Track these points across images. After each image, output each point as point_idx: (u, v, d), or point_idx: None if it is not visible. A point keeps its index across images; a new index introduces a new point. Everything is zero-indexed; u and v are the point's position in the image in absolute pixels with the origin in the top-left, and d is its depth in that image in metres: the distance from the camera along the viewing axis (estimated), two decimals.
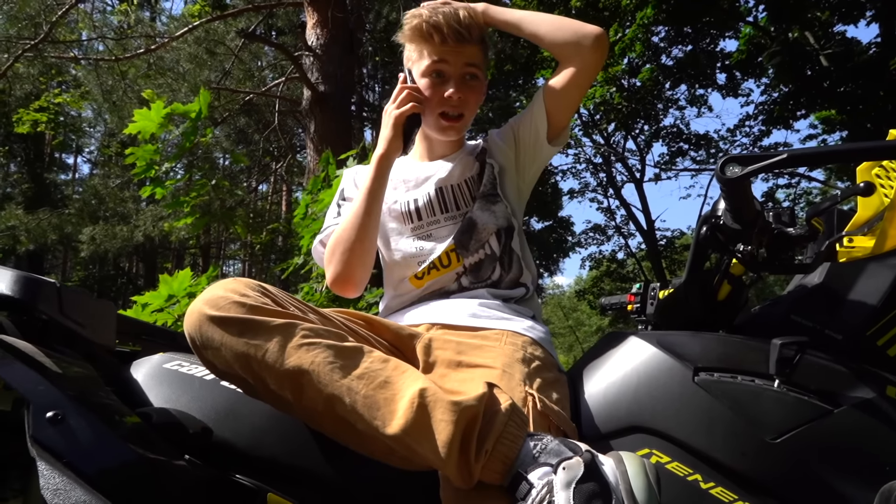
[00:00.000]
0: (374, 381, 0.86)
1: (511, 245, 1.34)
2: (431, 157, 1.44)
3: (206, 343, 0.90)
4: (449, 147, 1.43)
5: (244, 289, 0.93)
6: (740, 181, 0.92)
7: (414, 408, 0.82)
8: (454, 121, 1.34)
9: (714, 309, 1.15)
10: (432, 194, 1.35)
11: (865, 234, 0.96)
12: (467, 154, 1.42)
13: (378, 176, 1.27)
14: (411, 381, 0.87)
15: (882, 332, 1.02)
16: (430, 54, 1.31)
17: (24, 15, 7.55)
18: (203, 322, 0.90)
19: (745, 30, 11.27)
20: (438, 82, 1.32)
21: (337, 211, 1.42)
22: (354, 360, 0.89)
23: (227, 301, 0.90)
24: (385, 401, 0.85)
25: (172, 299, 2.83)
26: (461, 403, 0.83)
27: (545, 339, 1.19)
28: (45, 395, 0.68)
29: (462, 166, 1.39)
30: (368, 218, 1.26)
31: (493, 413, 0.85)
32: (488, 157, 1.39)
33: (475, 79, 1.34)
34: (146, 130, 2.87)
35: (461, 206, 1.34)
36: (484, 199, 1.34)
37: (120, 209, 14.08)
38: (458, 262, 1.29)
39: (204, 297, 0.92)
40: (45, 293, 0.91)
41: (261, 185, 17.61)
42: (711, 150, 16.58)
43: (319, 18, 6.19)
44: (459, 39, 1.28)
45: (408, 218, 1.36)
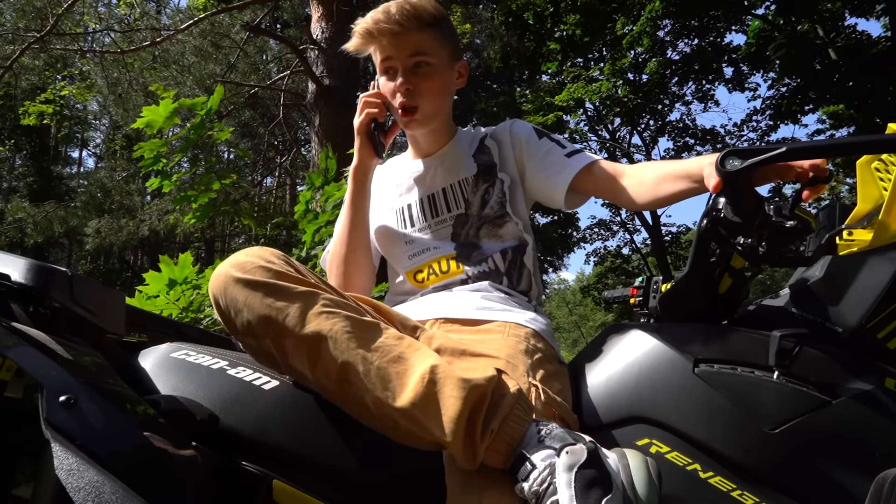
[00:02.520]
0: (389, 354, 0.89)
1: (522, 260, 1.33)
2: (421, 154, 1.43)
3: (229, 304, 0.93)
4: (435, 141, 1.41)
5: (270, 256, 0.96)
6: (740, 174, 0.93)
7: (424, 382, 0.84)
8: (411, 114, 1.31)
9: (715, 301, 1.16)
10: (425, 201, 1.37)
11: (865, 227, 0.97)
12: (459, 148, 1.40)
13: (357, 188, 1.32)
14: (424, 357, 0.89)
15: (882, 324, 1.03)
16: (377, 52, 1.31)
17: (30, 8, 7.57)
18: (229, 283, 0.92)
19: (753, 23, 11.21)
20: (391, 78, 1.31)
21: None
22: (371, 334, 0.91)
23: (254, 265, 0.93)
24: (397, 374, 0.87)
25: (175, 287, 2.85)
26: (470, 381, 0.85)
27: (547, 330, 1.20)
28: (57, 380, 0.70)
29: (454, 166, 1.38)
30: (354, 230, 1.31)
31: (501, 395, 0.87)
32: (499, 170, 1.36)
33: (426, 66, 1.29)
34: (154, 125, 2.89)
35: (452, 209, 1.35)
36: (490, 223, 1.32)
37: (126, 202, 14.15)
38: (459, 269, 1.30)
39: (231, 260, 0.95)
40: (57, 281, 0.93)
41: (265, 178, 17.66)
42: (718, 145, 16.52)
43: (325, 12, 6.18)
44: (394, 33, 1.26)
45: (402, 224, 1.38)
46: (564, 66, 13.46)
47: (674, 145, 16.88)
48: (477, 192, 1.34)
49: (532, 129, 1.41)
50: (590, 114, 16.38)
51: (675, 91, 15.63)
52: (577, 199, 1.35)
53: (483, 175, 1.35)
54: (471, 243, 1.32)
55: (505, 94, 15.56)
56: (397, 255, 1.38)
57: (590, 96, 13.09)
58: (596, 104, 15.40)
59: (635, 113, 15.23)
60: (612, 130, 17.12)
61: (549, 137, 1.39)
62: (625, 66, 13.39)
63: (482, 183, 1.35)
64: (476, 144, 1.40)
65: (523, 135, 1.39)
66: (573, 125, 16.32)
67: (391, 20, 1.25)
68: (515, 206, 1.34)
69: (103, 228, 13.38)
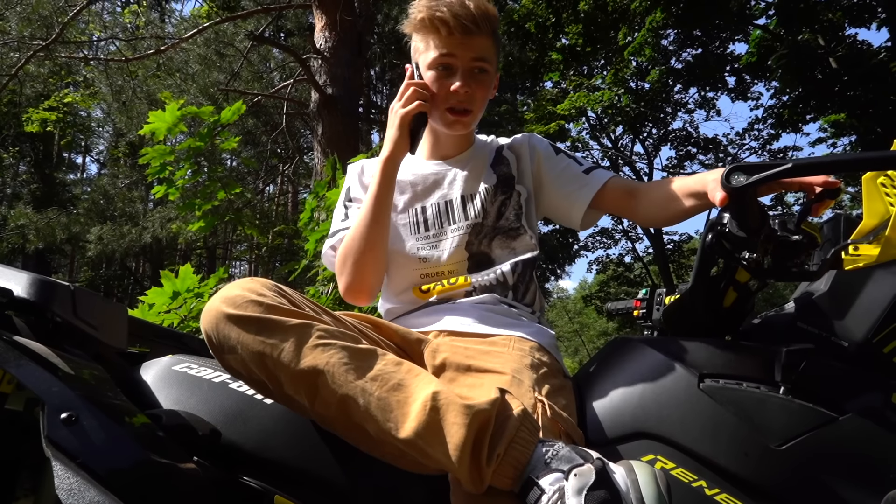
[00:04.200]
0: (388, 383, 0.87)
1: (531, 273, 1.31)
2: (439, 156, 1.39)
3: (222, 341, 0.91)
4: (457, 144, 1.38)
5: (261, 288, 0.94)
6: (745, 190, 0.93)
7: (426, 411, 0.83)
8: (461, 115, 1.28)
9: (720, 315, 1.15)
10: (441, 206, 1.32)
11: (871, 242, 0.96)
12: (480, 157, 1.38)
13: (385, 180, 1.23)
14: (424, 384, 0.88)
15: (888, 339, 1.02)
16: (436, 46, 1.25)
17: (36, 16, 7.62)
18: (220, 320, 0.91)
19: (754, 33, 11.24)
20: (445, 75, 1.26)
21: (344, 213, 1.38)
22: (368, 362, 0.89)
23: (245, 300, 0.91)
24: (398, 403, 0.85)
25: (178, 297, 2.85)
26: (474, 407, 0.83)
27: (552, 343, 1.19)
28: (59, 397, 0.69)
29: (474, 174, 1.35)
30: (377, 226, 1.23)
31: (506, 418, 0.86)
32: (517, 182, 1.35)
33: (483, 73, 1.27)
34: (159, 132, 2.89)
35: (469, 217, 1.30)
36: (505, 234, 1.30)
37: (128, 209, 14.18)
38: (467, 282, 1.26)
39: (221, 295, 0.93)
40: (60, 296, 0.93)
41: (268, 186, 17.69)
42: (720, 154, 16.53)
43: (328, 21, 6.21)
44: (466, 32, 1.22)
45: (414, 227, 1.33)
46: (567, 75, 13.49)
47: (676, 154, 16.89)
48: (494, 203, 1.32)
49: (549, 145, 1.41)
50: (592, 122, 16.40)
51: (678, 100, 15.67)
52: (593, 217, 1.36)
53: (501, 186, 1.34)
54: (483, 253, 1.29)
55: (507, 103, 15.61)
56: (404, 263, 1.31)
57: (592, 105, 13.10)
58: (598, 113, 15.42)
59: (637, 121, 15.24)
60: (614, 139, 17.14)
61: (564, 154, 1.40)
62: (627, 76, 13.42)
63: (500, 194, 1.33)
64: (493, 154, 1.39)
65: (542, 150, 1.39)
66: (575, 134, 16.34)
67: (469, 18, 1.22)
68: (530, 220, 1.34)
69: (106, 235, 13.41)
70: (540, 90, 14.93)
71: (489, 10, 1.26)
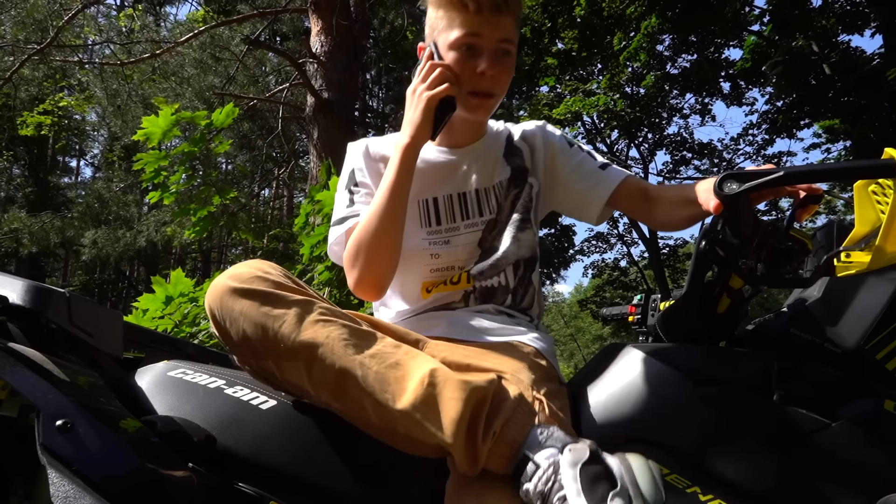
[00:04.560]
0: (386, 360, 0.88)
1: (531, 277, 1.28)
2: (450, 143, 1.30)
3: (225, 314, 0.93)
4: (471, 132, 1.30)
5: (268, 267, 0.96)
6: (738, 198, 0.94)
7: (424, 385, 0.84)
8: (485, 99, 1.19)
9: (714, 321, 1.16)
10: (455, 199, 1.26)
11: (862, 249, 0.97)
12: (493, 147, 1.32)
13: (404, 169, 1.14)
14: (423, 361, 0.89)
15: (881, 345, 1.03)
16: (461, 25, 1.15)
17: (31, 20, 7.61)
18: (225, 293, 0.93)
19: (749, 39, 11.31)
20: (469, 56, 1.16)
21: (349, 198, 1.28)
22: (368, 341, 0.91)
23: (251, 275, 0.93)
24: (396, 379, 0.86)
25: (171, 302, 2.84)
26: (471, 383, 0.84)
27: (549, 350, 1.19)
28: (54, 404, 0.69)
29: (488, 166, 1.29)
30: (394, 218, 1.14)
31: (502, 398, 0.87)
32: (530, 175, 1.30)
33: (508, 55, 1.19)
34: (153, 137, 2.89)
35: (484, 213, 1.25)
36: (514, 225, 1.26)
37: (123, 213, 14.14)
38: (469, 283, 1.23)
39: (228, 272, 0.95)
40: (55, 303, 0.93)
41: (263, 189, 17.68)
42: (715, 159, 16.62)
43: (324, 25, 6.22)
44: (496, 9, 1.13)
45: (425, 220, 1.25)
46: (562, 80, 13.54)
47: (671, 159, 16.97)
48: (508, 197, 1.28)
49: (562, 137, 1.37)
50: (588, 127, 16.45)
51: (673, 105, 15.75)
52: (606, 213, 1.35)
53: (514, 179, 1.29)
54: (494, 247, 1.25)
55: (503, 107, 15.64)
56: (414, 258, 1.24)
57: (587, 110, 13.15)
58: (594, 117, 15.48)
59: (633, 126, 15.31)
60: (609, 144, 17.19)
61: (578, 146, 1.36)
62: (622, 81, 13.48)
63: (513, 188, 1.28)
64: (505, 144, 1.33)
65: (556, 142, 1.34)
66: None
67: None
68: (537, 215, 1.31)
69: (100, 239, 13.36)
70: (536, 94, 14.98)
71: None
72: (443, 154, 1.30)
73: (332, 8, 6.15)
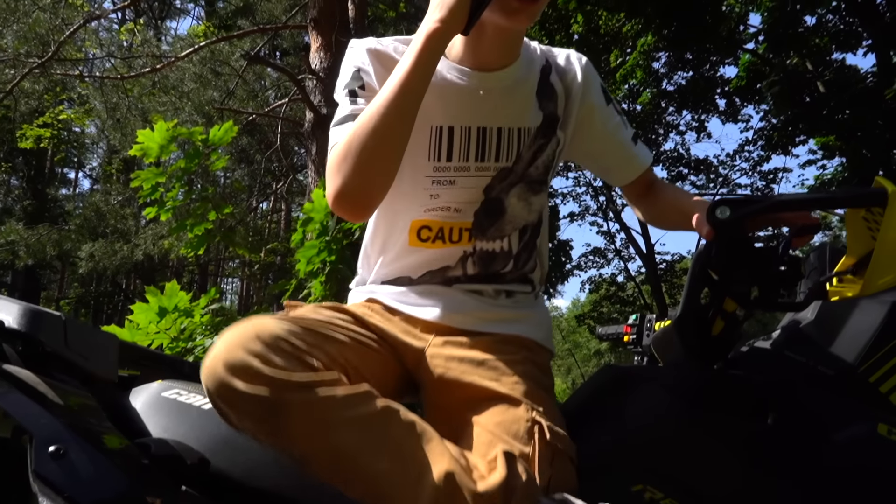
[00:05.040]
0: (401, 454, 0.84)
1: (535, 242, 1.17)
2: (478, 63, 1.08)
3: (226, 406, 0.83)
4: (504, 51, 1.08)
5: (267, 352, 0.82)
6: (730, 224, 0.95)
7: (438, 496, 0.81)
8: (528, 2, 0.97)
9: (708, 343, 1.16)
10: (472, 132, 1.07)
11: (854, 274, 0.98)
12: (527, 80, 1.11)
13: (426, 61, 0.93)
14: (436, 457, 0.84)
15: (874, 368, 1.03)
16: None
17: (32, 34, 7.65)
18: (225, 390, 0.82)
19: (743, 57, 11.42)
20: None
21: (351, 100, 1.07)
22: (381, 429, 0.85)
23: (252, 371, 0.81)
24: (411, 482, 0.82)
25: (166, 315, 2.83)
26: (484, 496, 0.82)
27: (546, 334, 1.17)
28: (47, 429, 0.69)
29: (519, 105, 1.09)
30: (402, 118, 0.94)
31: (512, 489, 0.84)
32: (559, 128, 1.13)
33: None
34: (150, 152, 2.90)
35: (500, 159, 1.08)
36: (528, 184, 1.12)
37: (120, 226, 14.13)
38: (469, 242, 1.10)
39: (225, 359, 0.82)
40: (50, 326, 0.93)
41: (261, 203, 17.71)
42: (711, 175, 16.71)
43: (323, 42, 6.27)
44: None
45: (434, 152, 1.07)
46: None
47: (668, 174, 17.03)
48: (532, 148, 1.11)
49: (601, 89, 1.21)
50: None
51: (669, 121, 15.85)
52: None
53: (544, 129, 1.12)
54: (498, 199, 1.10)
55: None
56: (410, 192, 1.09)
57: None
58: None
59: None
60: None
61: (614, 105, 1.24)
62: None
63: (540, 138, 1.11)
64: (539, 79, 1.13)
65: (595, 96, 1.18)
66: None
67: None
68: (552, 173, 1.17)
69: (97, 252, 13.34)
70: None
71: None
72: (466, 75, 1.08)
73: (332, 25, 6.20)
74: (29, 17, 7.67)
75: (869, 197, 0.90)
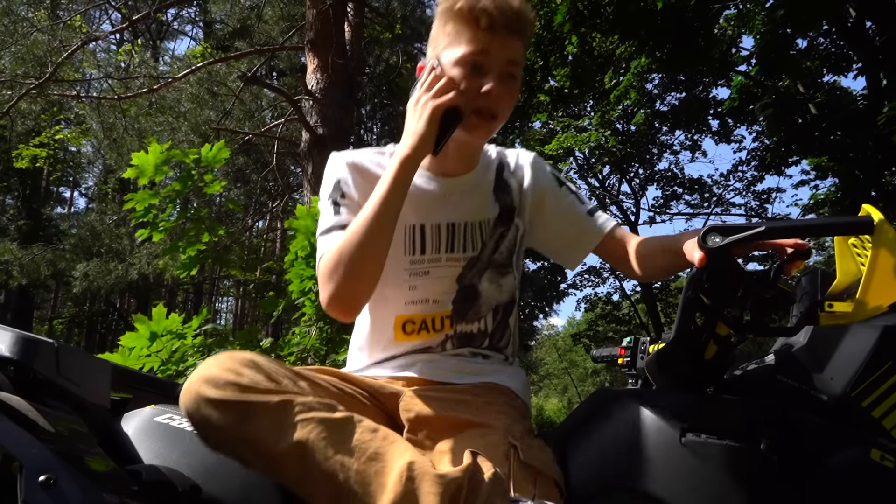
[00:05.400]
0: (365, 453, 0.87)
1: (508, 321, 1.28)
2: (440, 170, 1.24)
3: (203, 422, 0.91)
4: (464, 161, 1.24)
5: (239, 367, 0.92)
6: (721, 251, 0.96)
7: (402, 481, 0.83)
8: (488, 120, 1.14)
9: (702, 367, 1.17)
10: (442, 228, 1.21)
11: (845, 300, 0.99)
12: (484, 182, 1.28)
13: (401, 182, 1.06)
14: (400, 453, 0.88)
15: (866, 393, 1.04)
16: (470, 41, 1.10)
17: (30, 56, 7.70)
18: (201, 403, 0.90)
19: (736, 78, 11.55)
20: (474, 74, 1.11)
21: (334, 209, 1.20)
22: (345, 432, 0.89)
23: (224, 380, 0.90)
24: (376, 474, 0.86)
25: (157, 340, 2.81)
26: (446, 476, 0.84)
27: (522, 387, 1.22)
28: (37, 458, 0.69)
29: (478, 202, 1.25)
30: (382, 233, 1.06)
31: (477, 483, 0.86)
32: (517, 215, 1.28)
33: (513, 79, 1.15)
34: (144, 174, 2.90)
35: (467, 249, 1.22)
36: (496, 269, 1.24)
37: (115, 246, 14.07)
38: (451, 328, 1.22)
39: (201, 373, 0.92)
40: (42, 354, 0.93)
41: (257, 222, 17.72)
42: (705, 195, 16.82)
43: (320, 63, 6.33)
44: (508, 29, 1.10)
45: (409, 247, 1.20)
46: (554, 116, 13.75)
47: (662, 194, 17.17)
48: (493, 237, 1.25)
49: (553, 176, 1.34)
50: (580, 162, 16.63)
51: (663, 141, 15.99)
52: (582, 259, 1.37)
53: (502, 218, 1.26)
54: (472, 286, 1.22)
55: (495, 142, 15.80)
56: (393, 285, 1.20)
57: (579, 146, 13.33)
58: (585, 153, 15.67)
59: (624, 162, 15.50)
60: (601, 179, 17.37)
61: (568, 187, 1.34)
62: (613, 118, 13.69)
63: (499, 227, 1.25)
64: (495, 178, 1.29)
65: (545, 182, 1.32)
66: (563, 173, 16.58)
67: (514, 14, 1.10)
68: (519, 258, 1.29)
69: (91, 272, 13.26)
70: (528, 130, 15.19)
71: (529, 12, 1.15)
72: (433, 181, 1.24)
73: (329, 46, 6.27)
74: (27, 38, 7.72)
75: (856, 226, 0.91)
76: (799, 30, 8.61)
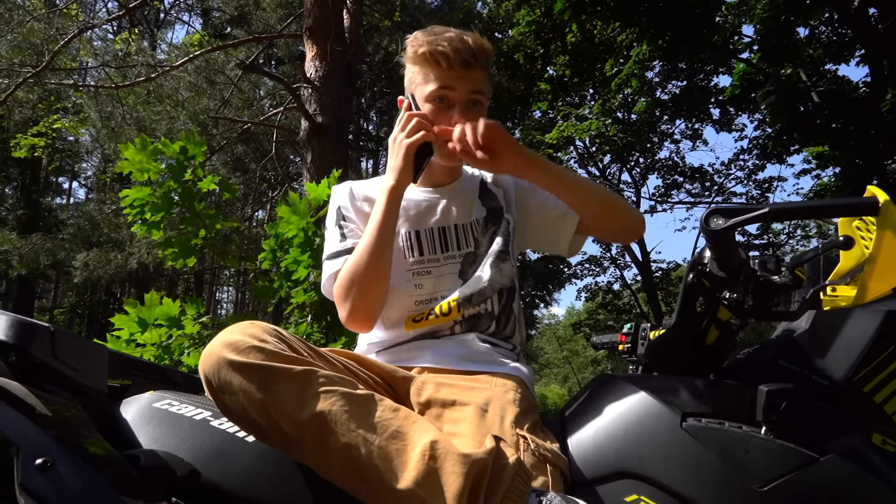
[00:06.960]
0: (387, 430, 0.89)
1: (512, 306, 1.34)
2: (430, 184, 1.41)
3: (223, 387, 0.91)
4: (448, 174, 1.42)
5: (262, 334, 0.95)
6: (724, 233, 0.95)
7: (425, 460, 0.84)
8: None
9: (703, 352, 1.16)
10: (437, 232, 1.35)
11: (848, 283, 0.98)
12: (468, 189, 1.42)
13: (390, 209, 1.24)
14: (422, 431, 0.89)
15: (868, 378, 1.03)
16: (435, 79, 1.28)
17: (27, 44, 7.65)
18: (222, 366, 0.91)
19: (738, 66, 11.48)
20: (443, 107, 1.28)
21: (340, 234, 1.37)
22: (368, 409, 0.91)
23: (247, 345, 0.92)
24: (397, 451, 0.87)
25: (148, 328, 2.79)
26: (471, 456, 0.85)
27: (529, 380, 1.23)
28: (34, 441, 0.68)
29: (466, 205, 1.38)
30: (382, 254, 1.23)
31: (501, 467, 0.87)
32: (506, 211, 1.39)
33: (479, 105, 1.30)
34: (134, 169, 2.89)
35: (462, 247, 1.34)
36: (496, 256, 1.33)
37: (114, 235, 14.05)
38: (459, 312, 1.28)
39: (224, 339, 0.94)
40: (39, 338, 0.92)
41: (257, 212, 17.69)
42: (706, 183, 16.75)
43: (318, 51, 6.28)
44: (465, 65, 1.25)
45: (409, 251, 1.34)
46: (555, 105, 13.69)
47: (663, 183, 17.08)
48: (486, 233, 1.36)
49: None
50: (580, 151, 16.56)
51: (664, 130, 15.91)
52: (579, 242, 1.41)
53: (492, 218, 1.38)
54: (477, 276, 1.31)
55: None
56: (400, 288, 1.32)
57: (580, 134, 13.26)
58: (586, 142, 15.60)
59: (625, 151, 15.41)
60: (602, 168, 17.31)
61: None
62: (614, 106, 13.62)
63: (490, 225, 1.37)
64: (479, 187, 1.42)
65: (524, 183, 1.41)
66: (564, 162, 16.51)
67: (468, 52, 1.25)
68: (514, 249, 1.38)
69: (91, 261, 13.26)
70: (528, 119, 15.12)
71: (485, 45, 1.30)
72: (425, 193, 1.40)
73: (327, 34, 6.22)
74: (23, 26, 7.67)
75: (861, 207, 0.90)
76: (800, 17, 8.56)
